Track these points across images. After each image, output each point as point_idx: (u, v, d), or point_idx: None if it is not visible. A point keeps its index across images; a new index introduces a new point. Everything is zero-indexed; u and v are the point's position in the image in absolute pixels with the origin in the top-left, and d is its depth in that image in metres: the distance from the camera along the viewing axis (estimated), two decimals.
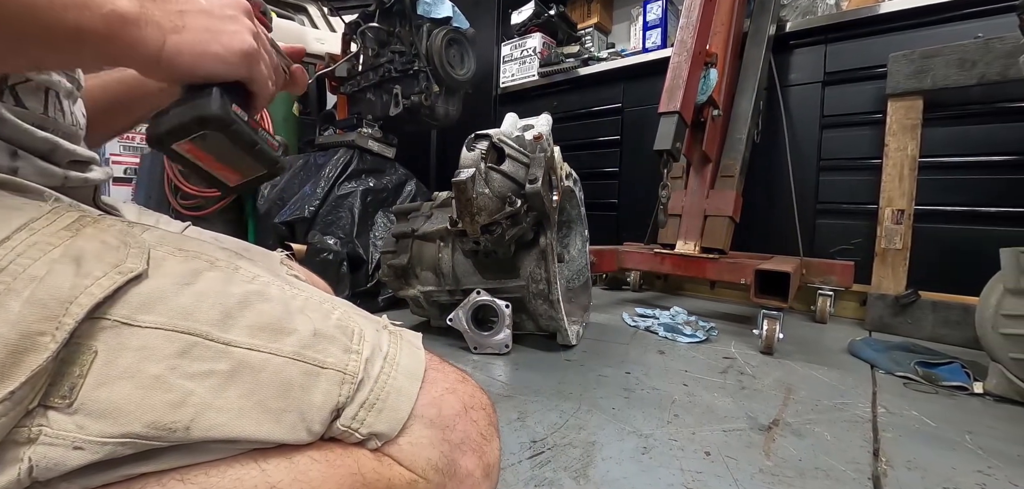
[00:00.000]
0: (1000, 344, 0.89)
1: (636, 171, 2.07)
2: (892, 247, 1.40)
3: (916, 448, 0.71)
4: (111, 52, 0.31)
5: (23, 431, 0.25)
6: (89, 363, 0.26)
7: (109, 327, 0.27)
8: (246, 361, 0.30)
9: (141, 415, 0.26)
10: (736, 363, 1.08)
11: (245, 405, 0.29)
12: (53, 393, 0.26)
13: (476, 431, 0.38)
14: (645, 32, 2.17)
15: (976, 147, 1.35)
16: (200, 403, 0.28)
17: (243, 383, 0.29)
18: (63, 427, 0.26)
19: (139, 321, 0.28)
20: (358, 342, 0.35)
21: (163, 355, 0.28)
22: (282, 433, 0.30)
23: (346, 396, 0.33)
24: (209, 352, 0.29)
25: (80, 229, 0.30)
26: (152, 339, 0.28)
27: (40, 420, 0.25)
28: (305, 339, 0.33)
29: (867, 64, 1.52)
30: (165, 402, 0.27)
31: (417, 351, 0.39)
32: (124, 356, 0.27)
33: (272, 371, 0.30)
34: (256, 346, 0.31)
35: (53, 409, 0.26)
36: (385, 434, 0.34)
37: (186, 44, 0.33)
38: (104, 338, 0.27)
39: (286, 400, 0.30)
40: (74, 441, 0.25)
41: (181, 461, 0.29)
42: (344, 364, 0.33)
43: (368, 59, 1.84)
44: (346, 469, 0.32)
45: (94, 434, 0.26)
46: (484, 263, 1.10)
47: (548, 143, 1.05)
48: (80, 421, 0.26)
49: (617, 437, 0.72)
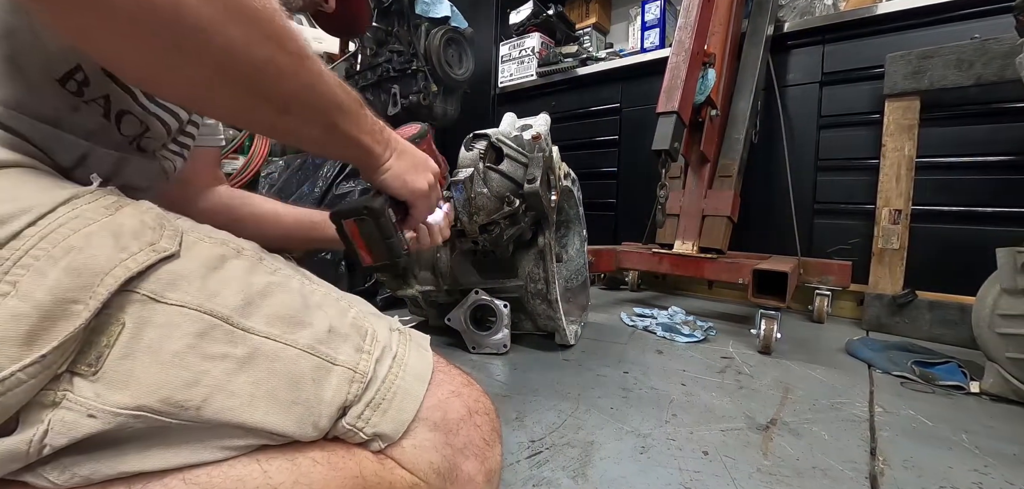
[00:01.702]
0: (996, 344, 0.89)
1: (634, 171, 2.07)
2: (889, 247, 1.40)
3: (913, 447, 0.71)
4: (357, 154, 0.44)
5: (49, 394, 0.26)
6: (117, 334, 0.27)
7: (138, 301, 0.28)
8: (261, 349, 0.31)
9: (157, 389, 0.27)
10: (734, 363, 1.08)
11: (257, 392, 0.30)
12: (81, 360, 0.27)
13: (479, 436, 0.38)
14: (643, 32, 2.18)
15: (973, 147, 1.36)
16: (213, 384, 0.29)
17: (256, 370, 0.30)
18: (84, 394, 0.26)
19: (166, 298, 0.29)
20: (371, 342, 0.36)
21: (184, 333, 0.28)
22: (289, 425, 0.31)
23: (354, 394, 0.33)
24: (227, 336, 0.30)
25: (120, 207, 0.31)
26: (176, 316, 0.29)
27: (66, 386, 0.26)
28: (320, 334, 0.33)
29: (865, 64, 1.53)
30: (181, 379, 0.28)
31: (425, 353, 0.39)
32: (149, 330, 0.28)
33: (285, 362, 0.31)
34: (273, 335, 0.31)
35: (79, 376, 0.26)
36: (389, 436, 0.34)
37: (394, 170, 0.49)
38: (133, 311, 0.28)
39: (296, 392, 0.31)
40: (89, 409, 0.26)
41: (183, 454, 0.29)
42: (355, 362, 0.34)
43: (366, 58, 1.84)
44: (348, 471, 0.32)
45: (110, 404, 0.26)
46: (482, 263, 1.10)
47: (546, 143, 1.05)
48: (99, 390, 0.26)
49: (615, 437, 0.72)
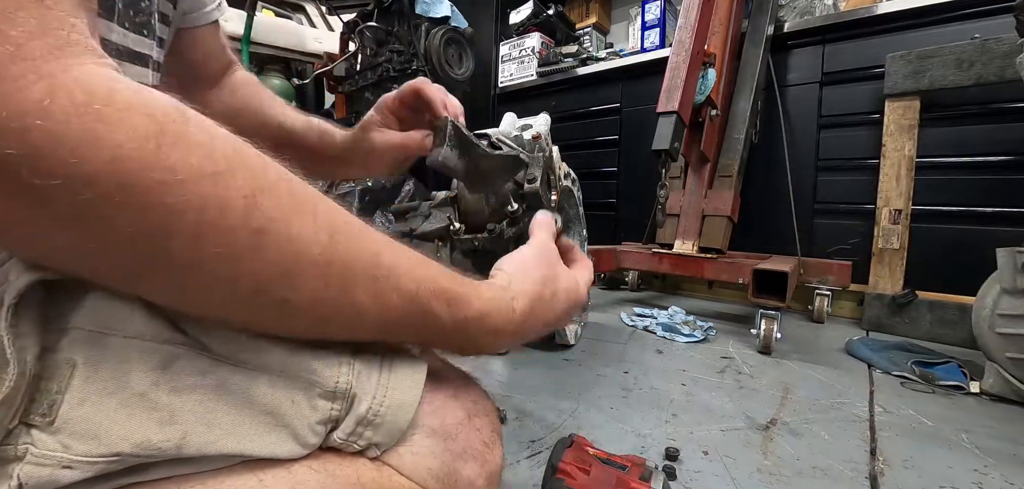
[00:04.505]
0: (996, 344, 0.89)
1: (634, 171, 2.07)
2: (889, 247, 1.40)
3: (913, 447, 0.71)
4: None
5: (9, 449, 0.24)
6: (67, 377, 0.25)
7: (82, 337, 0.26)
8: (232, 376, 0.29)
9: (128, 435, 0.25)
10: (734, 362, 1.08)
11: (237, 420, 0.28)
12: (33, 410, 0.24)
13: (479, 439, 0.37)
14: (643, 32, 2.18)
15: (973, 147, 1.36)
16: (189, 420, 0.27)
17: (231, 399, 0.28)
18: (48, 446, 0.24)
19: (113, 329, 0.26)
20: (353, 351, 0.35)
21: (144, 369, 0.26)
22: (275, 449, 0.30)
23: (339, 408, 0.32)
24: (193, 366, 0.28)
25: None
26: (130, 351, 0.26)
27: (24, 438, 0.24)
28: (294, 350, 0.31)
29: (865, 64, 1.52)
30: (153, 421, 0.26)
31: (419, 359, 0.39)
32: (104, 368, 0.25)
33: (260, 387, 0.29)
34: (242, 361, 0.29)
35: (35, 428, 0.24)
36: (385, 445, 0.33)
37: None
38: (81, 349, 0.25)
39: (276, 417, 0.30)
40: (62, 460, 0.24)
41: (178, 470, 0.28)
42: (335, 379, 0.32)
43: (366, 58, 1.84)
44: (346, 479, 0.32)
45: (81, 454, 0.24)
46: (483, 263, 1.10)
47: (546, 143, 1.04)
48: (64, 441, 0.24)
49: (615, 437, 0.72)
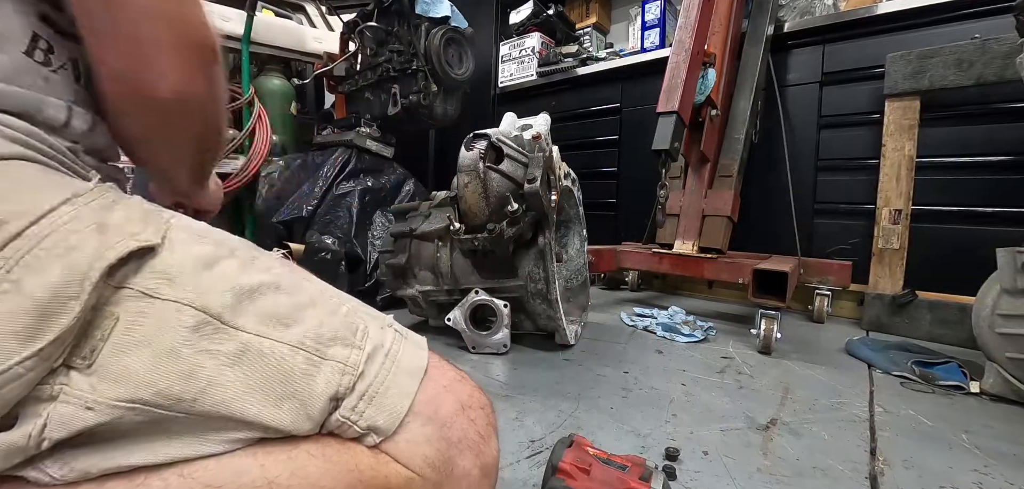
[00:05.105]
0: (996, 344, 0.89)
1: (634, 171, 2.07)
2: (889, 247, 1.40)
3: (913, 447, 0.71)
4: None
5: (46, 389, 0.27)
6: (110, 328, 0.29)
7: (132, 296, 0.30)
8: (251, 345, 0.32)
9: (153, 382, 0.28)
10: (734, 363, 1.08)
11: (250, 386, 0.31)
12: (76, 354, 0.28)
13: (474, 431, 0.38)
14: (643, 32, 2.18)
15: (973, 147, 1.36)
16: (208, 377, 0.30)
17: (247, 366, 0.31)
18: (79, 387, 0.28)
19: (159, 293, 0.30)
20: (362, 338, 0.36)
21: (177, 327, 0.30)
22: (282, 419, 0.32)
23: (346, 386, 0.34)
24: (218, 333, 0.31)
25: (114, 205, 0.33)
26: (169, 312, 0.30)
27: (62, 379, 0.27)
28: (310, 329, 0.34)
29: (865, 64, 1.53)
30: (176, 372, 0.29)
31: (420, 350, 0.40)
32: (143, 325, 0.29)
33: (275, 357, 0.32)
34: (262, 332, 0.32)
35: (74, 369, 0.28)
36: (383, 429, 0.34)
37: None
38: (126, 306, 0.29)
39: (288, 386, 0.32)
40: (86, 401, 0.27)
41: (181, 447, 0.30)
42: (346, 357, 0.35)
43: (366, 58, 1.84)
44: (344, 465, 0.33)
45: (106, 396, 0.27)
46: (482, 263, 1.10)
47: (546, 143, 1.05)
48: (95, 382, 0.28)
49: (615, 437, 0.72)
